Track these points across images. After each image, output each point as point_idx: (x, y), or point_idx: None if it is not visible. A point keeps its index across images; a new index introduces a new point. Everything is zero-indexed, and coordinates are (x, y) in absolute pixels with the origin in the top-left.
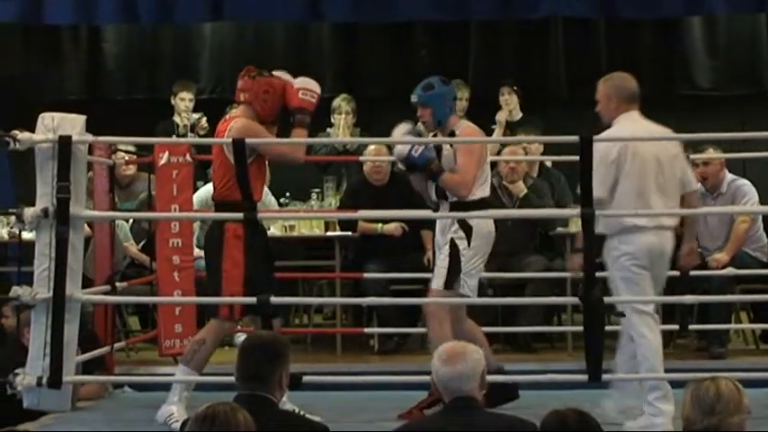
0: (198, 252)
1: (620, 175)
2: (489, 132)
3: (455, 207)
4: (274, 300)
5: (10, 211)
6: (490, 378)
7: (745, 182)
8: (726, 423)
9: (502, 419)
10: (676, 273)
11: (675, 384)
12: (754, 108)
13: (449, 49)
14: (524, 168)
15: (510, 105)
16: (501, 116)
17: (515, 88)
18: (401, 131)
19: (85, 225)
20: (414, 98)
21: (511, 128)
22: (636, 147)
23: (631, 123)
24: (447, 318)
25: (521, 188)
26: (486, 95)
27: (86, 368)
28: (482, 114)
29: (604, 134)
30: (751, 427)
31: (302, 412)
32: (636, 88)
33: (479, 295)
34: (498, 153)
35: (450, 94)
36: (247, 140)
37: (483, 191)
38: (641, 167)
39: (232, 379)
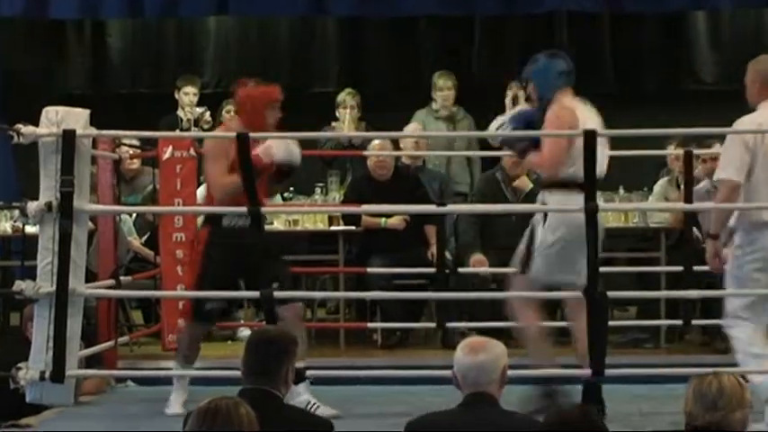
0: None
1: (755, 163)
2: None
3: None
4: (278, 294)
5: (14, 204)
6: None
7: None
8: (728, 418)
9: (515, 419)
10: (679, 268)
11: (679, 379)
12: None
13: (453, 44)
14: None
15: (518, 101)
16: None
17: (524, 84)
18: (495, 124)
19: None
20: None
21: None
22: None
23: None
24: (523, 306)
25: (526, 182)
26: (490, 90)
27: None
28: (486, 109)
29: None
30: (752, 422)
31: (316, 404)
32: None
33: (481, 290)
34: (501, 148)
35: (553, 68)
36: (252, 135)
37: (577, 171)
38: None
39: (235, 373)
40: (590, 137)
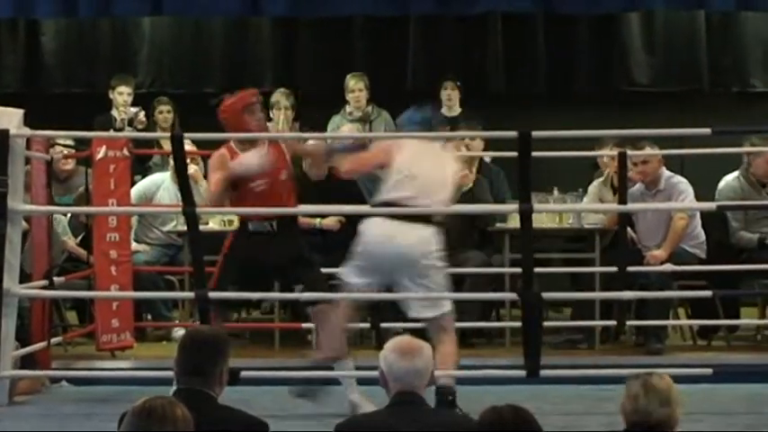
0: (135, 246)
1: None
2: None
3: None
4: (212, 295)
5: None
6: None
7: (681, 179)
8: (659, 418)
9: (445, 416)
10: (614, 269)
11: (613, 380)
12: (692, 105)
13: (388, 45)
14: (469, 164)
15: (452, 101)
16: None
17: (458, 83)
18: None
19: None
20: None
21: (450, 123)
22: None
23: None
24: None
25: (468, 178)
26: (424, 90)
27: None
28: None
29: None
30: (687, 423)
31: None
32: None
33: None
34: None
35: (412, 118)
36: (186, 135)
37: (387, 193)
38: None
39: (169, 374)
40: (524, 138)
